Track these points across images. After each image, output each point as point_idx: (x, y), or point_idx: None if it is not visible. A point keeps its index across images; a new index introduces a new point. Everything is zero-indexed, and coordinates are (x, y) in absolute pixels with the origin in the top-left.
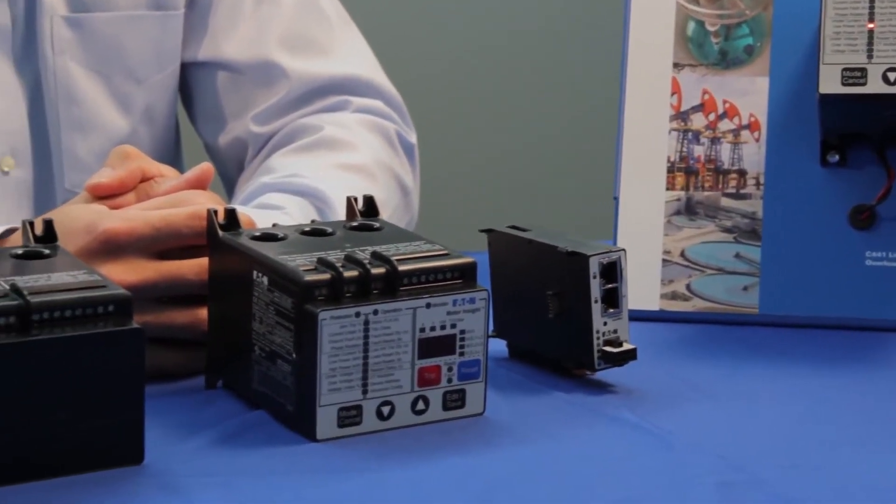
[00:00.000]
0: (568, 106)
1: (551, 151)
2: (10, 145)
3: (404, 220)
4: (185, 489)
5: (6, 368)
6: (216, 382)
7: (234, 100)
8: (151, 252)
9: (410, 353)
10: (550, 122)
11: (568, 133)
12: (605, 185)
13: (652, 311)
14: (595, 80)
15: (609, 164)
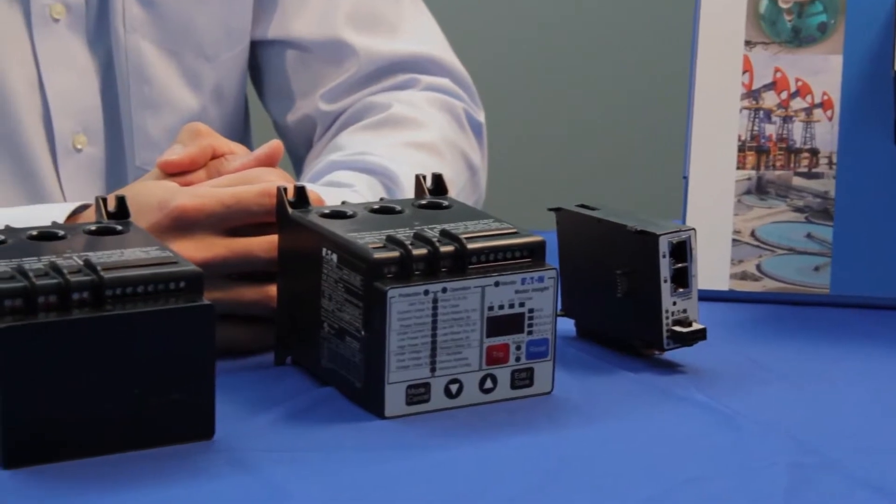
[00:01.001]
0: (637, 84)
1: (621, 130)
2: (83, 123)
3: (471, 198)
4: (255, 464)
5: (80, 343)
6: (285, 359)
7: (303, 78)
8: (222, 229)
9: (479, 332)
10: (620, 100)
11: (637, 111)
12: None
13: (721, 291)
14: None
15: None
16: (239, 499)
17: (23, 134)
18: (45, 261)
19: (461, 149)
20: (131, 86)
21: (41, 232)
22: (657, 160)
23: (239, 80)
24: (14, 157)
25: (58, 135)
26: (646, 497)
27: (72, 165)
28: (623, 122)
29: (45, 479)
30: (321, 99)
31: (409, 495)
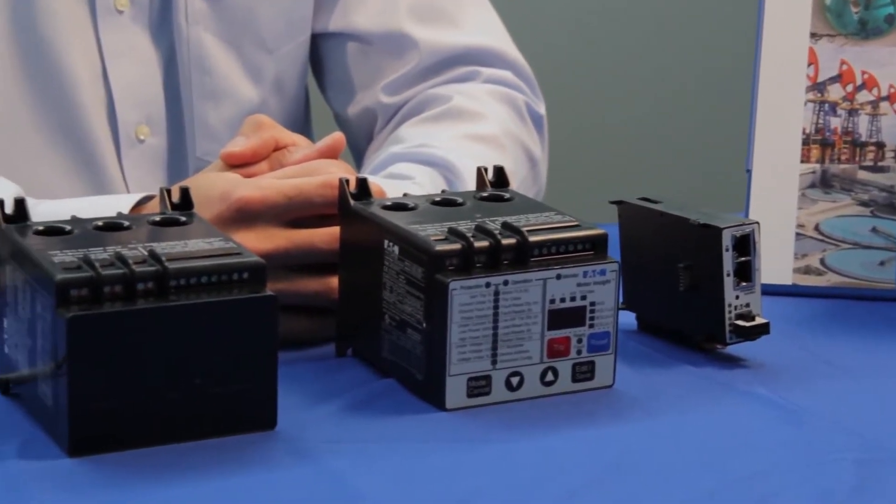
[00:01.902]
0: (700, 75)
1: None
2: (146, 114)
3: (532, 191)
4: (316, 455)
5: (144, 333)
6: (346, 350)
7: (363, 70)
8: (284, 220)
9: (540, 325)
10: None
11: (700, 103)
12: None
13: (785, 285)
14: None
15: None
16: (301, 489)
17: (87, 125)
18: (111, 251)
19: (522, 141)
20: (193, 77)
21: (107, 222)
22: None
23: (299, 73)
24: (78, 147)
25: (121, 125)
26: (708, 491)
27: (135, 156)
28: (686, 114)
29: (109, 468)
30: (382, 91)
31: (469, 487)
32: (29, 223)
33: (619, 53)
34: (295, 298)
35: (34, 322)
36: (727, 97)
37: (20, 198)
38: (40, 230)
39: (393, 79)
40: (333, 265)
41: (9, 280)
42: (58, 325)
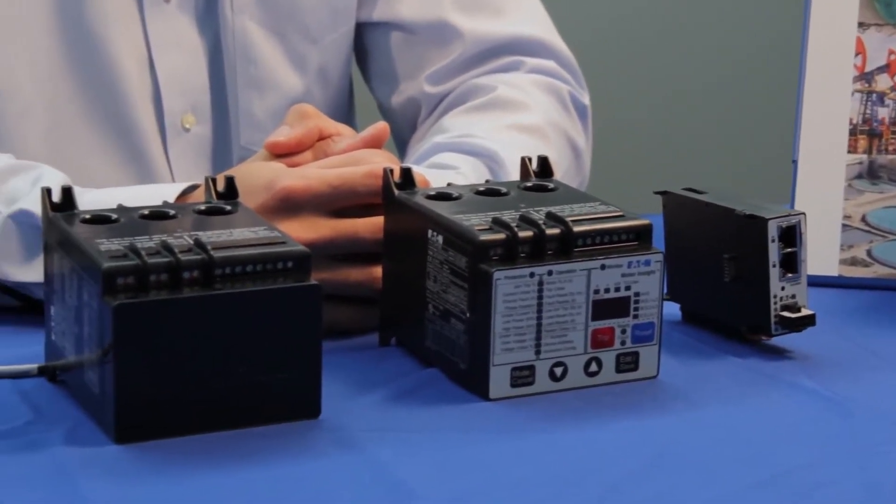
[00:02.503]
0: (746, 65)
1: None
2: (191, 102)
3: (575, 181)
4: (360, 443)
5: (189, 321)
6: (389, 340)
7: (407, 60)
8: (328, 210)
9: (584, 315)
10: (727, 81)
11: (745, 93)
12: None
13: (831, 276)
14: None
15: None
16: (345, 478)
17: (133, 113)
18: (157, 240)
19: (566, 131)
20: (238, 67)
21: (153, 211)
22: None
23: (344, 62)
24: (124, 136)
25: (167, 114)
26: (753, 483)
27: (180, 145)
28: (731, 104)
29: (155, 455)
30: (426, 81)
31: (513, 477)
32: (76, 212)
33: (664, 42)
34: (338, 288)
35: (81, 310)
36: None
37: (67, 186)
38: (87, 219)
39: (437, 68)
40: (377, 255)
41: (56, 268)
42: (104, 313)
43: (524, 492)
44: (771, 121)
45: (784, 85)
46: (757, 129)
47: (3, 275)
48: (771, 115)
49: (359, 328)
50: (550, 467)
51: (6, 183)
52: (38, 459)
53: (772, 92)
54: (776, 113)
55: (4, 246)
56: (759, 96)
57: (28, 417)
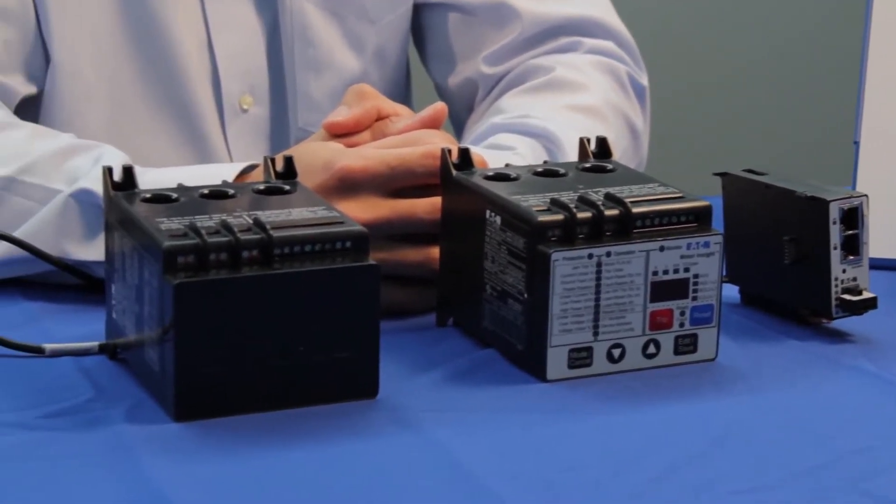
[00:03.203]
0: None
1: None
2: (249, 83)
3: (633, 162)
4: (418, 423)
5: (248, 301)
6: (447, 320)
7: (465, 40)
8: (386, 190)
9: (642, 296)
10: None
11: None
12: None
13: (893, 259)
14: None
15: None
16: (404, 458)
17: (192, 94)
18: (217, 219)
19: (624, 112)
20: (296, 48)
21: (212, 190)
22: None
23: (401, 43)
24: (183, 116)
25: (225, 95)
26: (813, 466)
27: (238, 125)
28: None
29: (214, 433)
30: (483, 62)
31: (570, 458)
32: (137, 191)
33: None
34: (396, 268)
35: (142, 288)
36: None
37: (128, 165)
38: (148, 198)
39: (494, 49)
40: (434, 235)
41: (117, 247)
42: (165, 292)
43: (582, 472)
44: (833, 101)
45: (846, 65)
46: (818, 109)
47: (65, 253)
48: (833, 96)
49: (416, 309)
50: (608, 448)
51: (67, 162)
52: (99, 436)
53: (834, 72)
54: (838, 93)
55: (65, 225)
56: (821, 77)
57: (89, 395)
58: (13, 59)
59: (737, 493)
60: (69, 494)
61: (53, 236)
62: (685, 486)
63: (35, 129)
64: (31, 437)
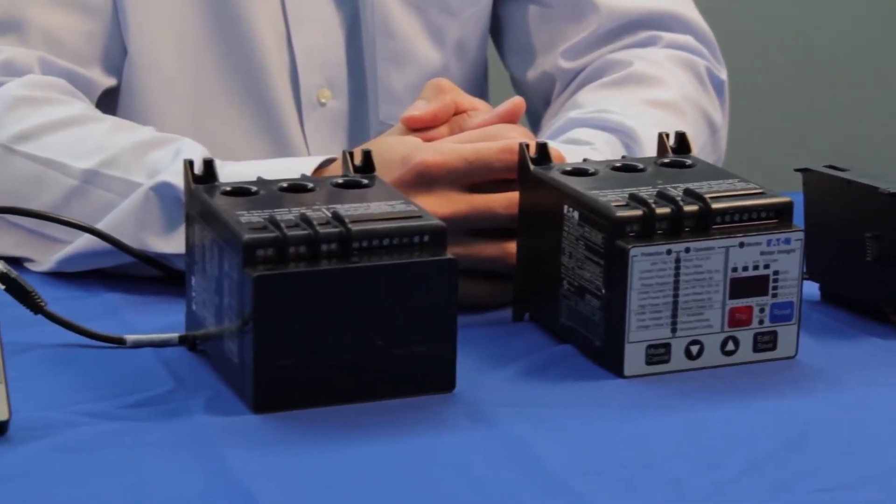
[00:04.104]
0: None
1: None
2: (328, 77)
3: (711, 158)
4: (495, 418)
5: (327, 294)
6: (523, 315)
7: (543, 34)
8: (463, 185)
9: (721, 293)
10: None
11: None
12: None
13: None
14: None
15: None
16: (482, 452)
17: (271, 88)
18: (296, 212)
19: (702, 107)
20: (376, 41)
21: (291, 184)
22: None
23: (481, 36)
24: (262, 109)
25: (304, 89)
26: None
27: (316, 119)
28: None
29: (292, 425)
30: (561, 56)
31: (649, 455)
32: (217, 184)
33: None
34: (472, 263)
35: (221, 280)
36: None
37: (209, 159)
38: (227, 191)
39: (573, 43)
40: (511, 230)
41: (197, 239)
42: (244, 284)
43: (660, 470)
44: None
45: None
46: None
47: (145, 245)
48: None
49: (492, 303)
50: (686, 446)
51: (148, 155)
52: (179, 427)
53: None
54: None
55: (146, 217)
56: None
57: (169, 386)
58: (94, 51)
59: (817, 492)
60: (150, 484)
61: (134, 229)
62: (764, 485)
63: (116, 122)
64: (113, 426)
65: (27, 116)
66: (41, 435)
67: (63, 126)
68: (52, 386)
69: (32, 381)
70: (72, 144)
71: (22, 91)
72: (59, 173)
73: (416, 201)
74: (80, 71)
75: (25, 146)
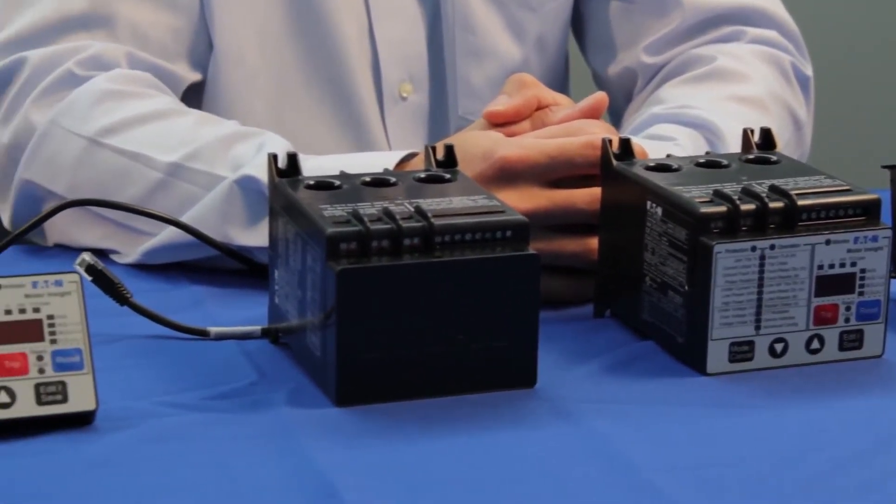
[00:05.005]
0: None
1: None
2: (409, 71)
3: (795, 154)
4: (577, 414)
5: (409, 288)
6: (604, 311)
7: (625, 29)
8: (545, 180)
9: (807, 291)
10: None
11: None
12: None
13: None
14: None
15: None
16: (565, 448)
17: (352, 81)
18: (378, 206)
19: (787, 103)
20: (457, 35)
21: (374, 178)
22: None
23: (561, 31)
24: (343, 103)
25: (385, 83)
26: None
27: (397, 113)
28: None
29: (374, 418)
30: (643, 51)
31: (731, 453)
32: (300, 178)
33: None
34: (554, 259)
35: (304, 274)
36: None
37: (293, 153)
38: (311, 185)
39: (655, 38)
40: (593, 226)
41: (281, 233)
42: (328, 278)
43: (743, 468)
44: None
45: None
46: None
47: (228, 238)
48: None
49: (573, 299)
50: (770, 445)
51: (232, 149)
52: (262, 419)
53: None
54: None
55: (229, 210)
56: None
57: (252, 378)
58: (180, 47)
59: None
60: (233, 475)
61: (218, 222)
62: (849, 485)
63: (201, 115)
64: (197, 417)
65: (114, 110)
66: (126, 425)
67: (149, 119)
68: (137, 376)
69: (118, 371)
70: (157, 138)
71: (109, 85)
72: (145, 166)
73: (497, 196)
74: (166, 66)
75: (112, 139)
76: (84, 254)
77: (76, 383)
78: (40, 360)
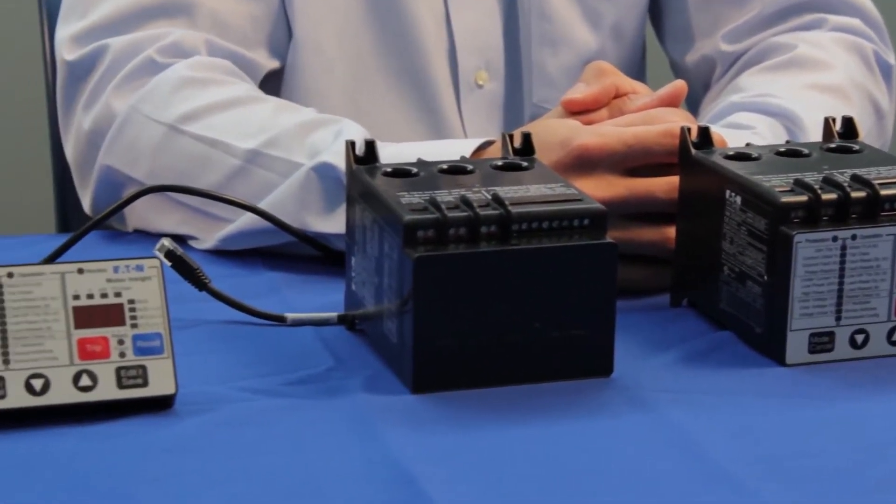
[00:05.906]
0: None
1: None
2: (485, 59)
3: (877, 143)
4: (653, 404)
5: (486, 276)
6: (681, 300)
7: (704, 17)
8: (622, 169)
9: (889, 281)
10: None
11: None
12: None
13: None
14: None
15: None
16: (642, 438)
17: (429, 69)
18: (455, 194)
19: (869, 91)
20: (533, 24)
21: (451, 166)
22: None
23: (638, 19)
24: (420, 91)
25: (461, 71)
26: None
27: (473, 101)
28: None
29: (450, 406)
30: (722, 39)
31: (811, 445)
32: (378, 165)
33: None
34: (631, 247)
35: (381, 261)
36: None
37: (370, 140)
38: (388, 172)
39: (734, 26)
40: (670, 215)
41: (358, 220)
42: (405, 265)
43: (823, 461)
44: None
45: None
46: None
47: (305, 225)
48: None
49: (650, 288)
50: (850, 437)
51: (310, 136)
52: (338, 405)
53: None
54: None
55: (306, 197)
56: None
57: (329, 364)
58: (259, 34)
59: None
60: (310, 460)
61: (295, 208)
62: None
63: (279, 103)
64: (275, 403)
65: (193, 97)
66: (205, 409)
67: (227, 106)
68: (215, 361)
69: (196, 356)
70: (236, 125)
71: (189, 72)
72: (223, 153)
73: (575, 184)
74: (244, 53)
75: (191, 126)
76: (164, 239)
77: (156, 367)
78: (121, 345)
